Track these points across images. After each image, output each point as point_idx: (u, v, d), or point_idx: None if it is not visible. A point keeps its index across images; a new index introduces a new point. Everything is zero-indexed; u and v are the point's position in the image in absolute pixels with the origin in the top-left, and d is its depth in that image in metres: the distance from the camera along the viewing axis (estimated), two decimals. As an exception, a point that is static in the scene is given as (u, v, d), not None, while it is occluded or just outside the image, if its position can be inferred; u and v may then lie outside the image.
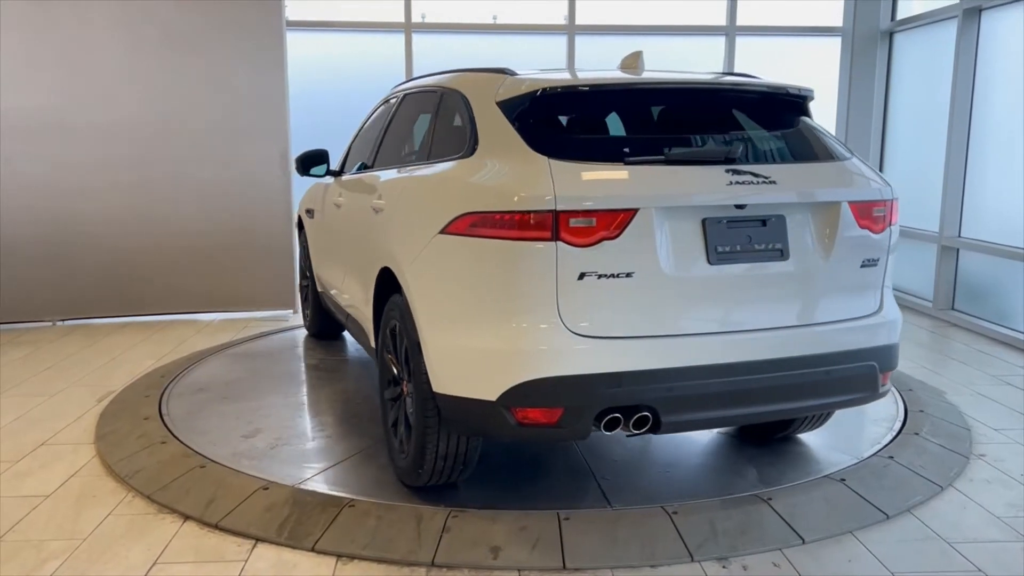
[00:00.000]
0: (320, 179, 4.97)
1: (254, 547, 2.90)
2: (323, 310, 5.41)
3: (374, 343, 3.76)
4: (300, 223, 5.90)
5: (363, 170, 4.31)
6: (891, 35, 7.71)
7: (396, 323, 3.31)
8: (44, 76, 6.17)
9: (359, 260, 4.00)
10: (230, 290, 6.66)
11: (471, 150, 3.10)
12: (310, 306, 5.84)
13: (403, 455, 3.26)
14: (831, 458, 3.64)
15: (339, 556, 2.83)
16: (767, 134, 3.28)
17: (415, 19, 7.63)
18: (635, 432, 2.79)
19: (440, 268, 3.01)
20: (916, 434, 3.88)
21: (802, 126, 3.29)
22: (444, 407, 2.94)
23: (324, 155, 4.68)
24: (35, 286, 6.34)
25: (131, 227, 6.44)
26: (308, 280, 5.77)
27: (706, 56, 7.89)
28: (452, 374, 2.90)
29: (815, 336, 2.99)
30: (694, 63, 7.91)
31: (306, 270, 5.81)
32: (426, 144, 3.68)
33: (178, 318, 6.60)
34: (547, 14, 7.80)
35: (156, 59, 6.33)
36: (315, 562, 2.81)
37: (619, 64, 3.61)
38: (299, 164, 4.69)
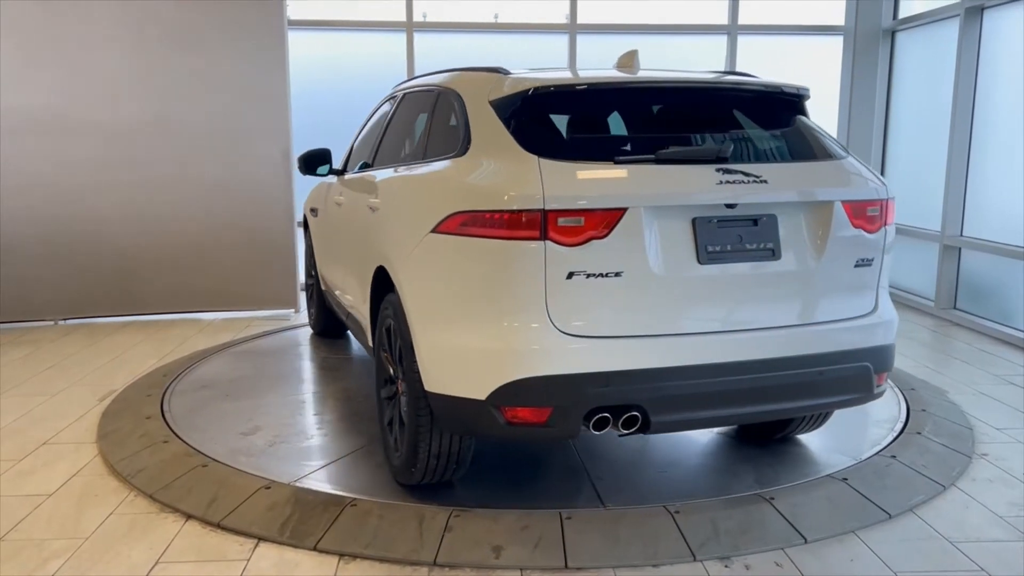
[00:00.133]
0: (323, 178, 4.98)
1: (256, 546, 2.91)
2: (327, 309, 5.42)
3: (371, 342, 3.76)
4: (306, 222, 5.91)
5: (364, 169, 4.31)
6: (893, 34, 7.70)
7: (391, 322, 3.31)
8: (45, 76, 6.17)
9: (357, 259, 4.01)
10: (232, 289, 6.67)
11: (464, 149, 3.09)
12: (315, 304, 5.85)
13: (397, 453, 3.27)
14: (833, 457, 3.63)
15: (341, 555, 2.83)
16: (761, 133, 3.26)
17: (416, 18, 7.63)
18: (625, 432, 2.78)
19: (431, 267, 3.01)
20: (918, 433, 3.88)
21: (798, 125, 3.27)
22: (435, 406, 2.94)
23: (327, 154, 4.68)
24: (36, 285, 6.35)
25: (132, 226, 6.45)
26: (313, 279, 5.78)
27: (708, 55, 7.88)
28: (443, 373, 2.90)
29: (807, 336, 2.97)
30: (696, 62, 7.90)
31: (311, 269, 5.83)
32: (422, 143, 3.68)
33: (180, 317, 6.61)
34: (549, 13, 7.79)
35: (157, 58, 6.33)
36: (317, 561, 2.81)
37: (615, 63, 3.59)
38: (302, 163, 4.69)
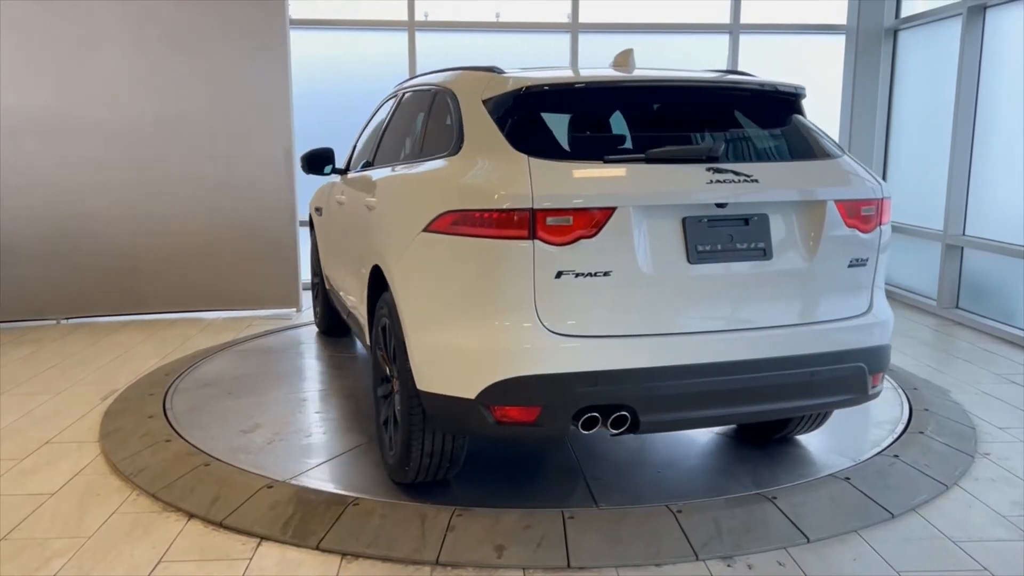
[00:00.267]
0: (326, 178, 4.98)
1: (258, 545, 2.91)
2: (332, 308, 5.43)
3: (368, 341, 3.76)
4: (312, 221, 5.92)
5: (366, 168, 4.32)
6: (895, 33, 7.69)
7: (386, 321, 3.31)
8: (47, 75, 6.17)
9: (355, 258, 4.02)
10: (233, 289, 6.67)
11: (457, 148, 3.10)
12: (320, 303, 5.87)
13: (392, 452, 3.28)
14: (835, 457, 3.62)
15: (343, 555, 2.83)
16: (755, 132, 3.24)
17: (418, 18, 7.64)
18: (615, 432, 2.78)
19: (423, 266, 3.01)
20: (921, 433, 3.87)
21: (793, 124, 3.24)
22: (427, 404, 2.94)
23: (329, 153, 4.68)
24: (39, 285, 6.35)
25: (134, 226, 6.45)
26: (319, 278, 5.79)
27: (710, 55, 7.88)
28: (434, 372, 2.90)
29: (800, 336, 2.95)
30: (698, 61, 7.90)
31: (317, 268, 5.84)
32: (419, 142, 3.68)
33: (181, 316, 6.61)
34: (550, 12, 7.79)
35: (159, 58, 6.33)
36: (319, 560, 2.81)
37: (611, 62, 3.57)
38: (304, 163, 4.68)
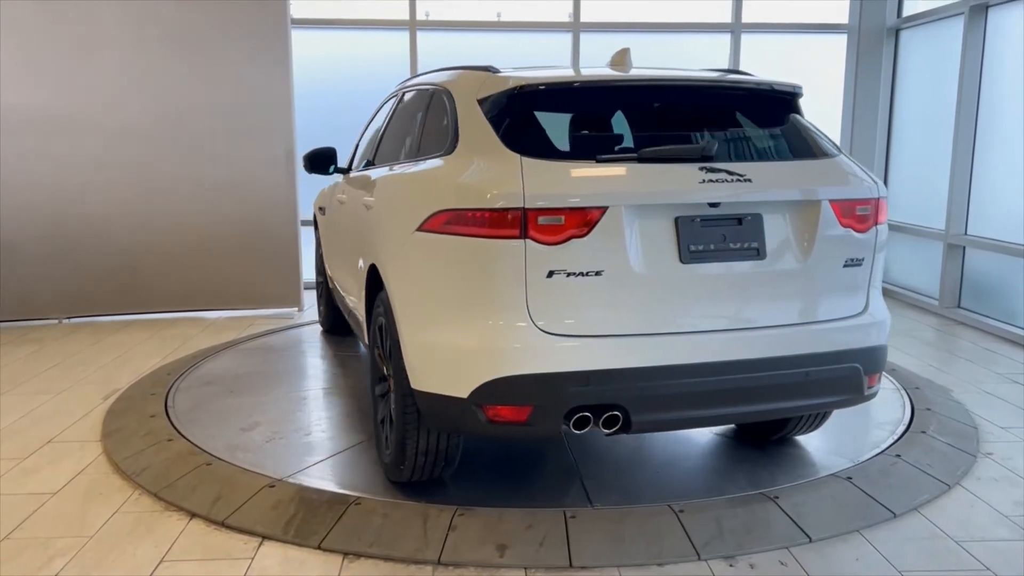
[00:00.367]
0: (329, 177, 4.98)
1: (260, 545, 2.91)
2: (336, 307, 5.44)
3: (367, 339, 3.77)
4: (316, 221, 5.94)
5: (367, 167, 4.32)
6: (897, 32, 7.68)
7: (382, 320, 3.32)
8: (49, 74, 6.18)
9: (355, 257, 4.03)
10: (235, 288, 6.67)
11: (452, 148, 3.10)
12: (323, 302, 5.88)
13: (388, 451, 3.28)
14: (837, 456, 3.62)
15: (345, 554, 2.84)
16: (750, 132, 3.23)
17: (420, 17, 7.63)
18: (607, 431, 2.77)
19: (416, 265, 3.01)
20: (923, 432, 3.87)
21: (790, 124, 3.23)
22: (421, 403, 2.94)
23: (332, 153, 4.67)
24: (40, 284, 6.36)
25: (136, 225, 6.45)
26: (323, 276, 5.80)
27: (712, 54, 7.87)
28: (427, 371, 2.90)
29: (793, 336, 2.94)
30: (699, 61, 7.89)
31: (321, 267, 5.85)
32: (416, 141, 3.68)
33: (183, 316, 6.61)
34: (552, 12, 7.79)
35: (161, 58, 6.34)
36: (321, 560, 2.81)
37: (608, 61, 3.56)
38: (307, 162, 4.67)
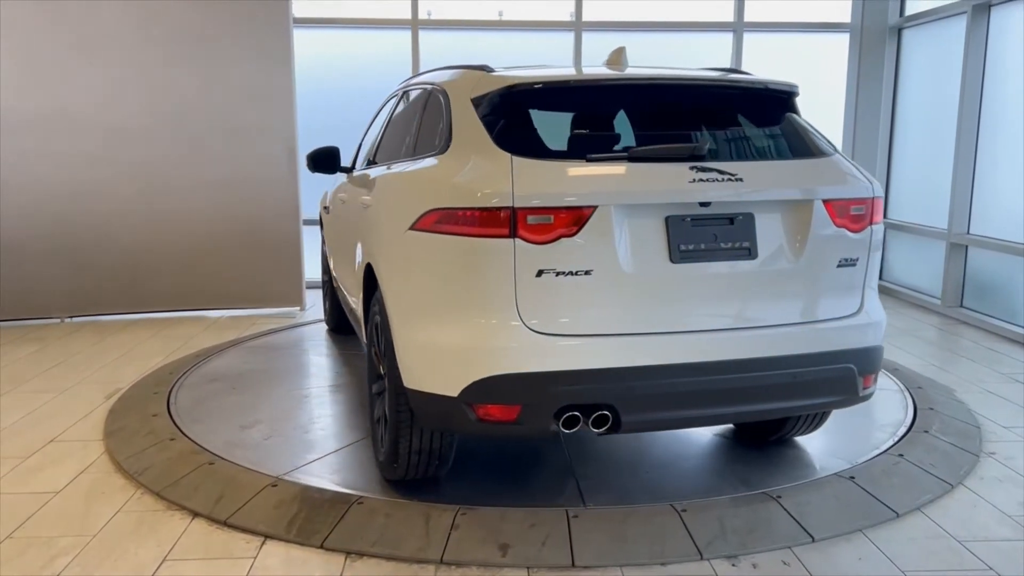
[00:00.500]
0: (333, 176, 4.98)
1: (263, 544, 2.91)
2: (340, 305, 5.44)
3: (364, 338, 3.78)
4: (322, 220, 5.95)
5: (369, 166, 4.32)
6: (900, 31, 7.67)
7: (378, 319, 3.32)
8: (52, 73, 6.18)
9: (353, 256, 4.04)
10: (237, 287, 6.68)
11: (445, 147, 3.10)
12: (329, 301, 5.90)
13: (383, 449, 3.29)
14: (839, 456, 3.61)
15: (348, 553, 2.83)
16: (744, 131, 3.22)
17: (421, 16, 7.63)
18: (597, 431, 2.77)
19: (409, 263, 3.02)
20: (926, 432, 3.86)
21: (785, 123, 3.20)
22: (413, 402, 2.95)
23: (335, 152, 4.65)
24: (43, 283, 6.37)
25: (138, 224, 6.46)
26: (328, 275, 5.82)
27: (714, 53, 7.87)
28: (419, 369, 2.91)
29: (785, 336, 2.92)
30: (701, 60, 7.88)
31: (326, 265, 5.86)
32: (413, 140, 3.69)
33: (186, 315, 6.62)
34: (554, 11, 7.78)
35: (163, 57, 6.34)
36: (324, 559, 2.81)
37: (605, 60, 3.55)
38: (310, 161, 4.65)
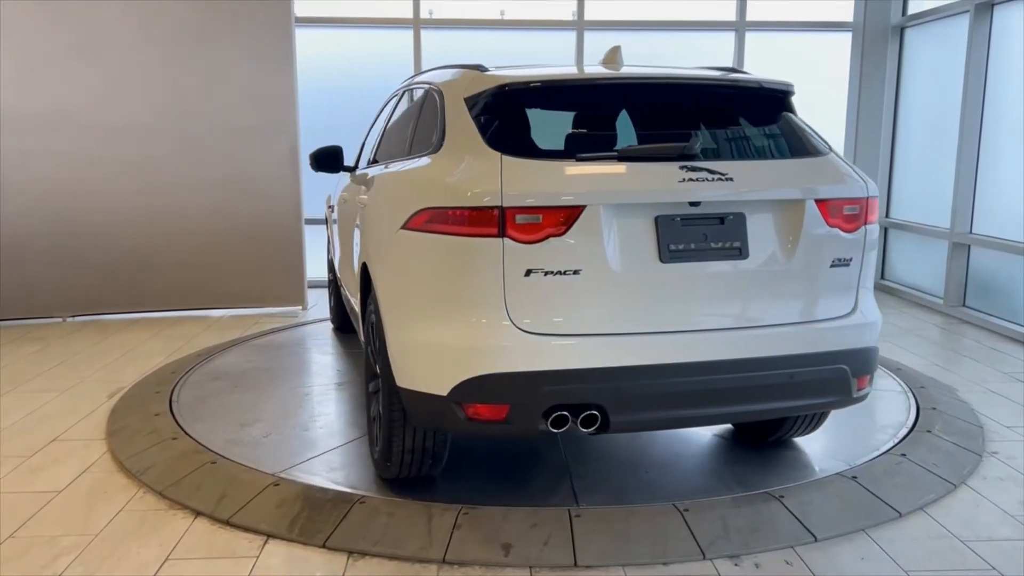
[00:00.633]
0: (335, 176, 4.99)
1: (265, 543, 2.91)
2: (344, 304, 5.46)
3: (362, 337, 3.79)
4: (327, 219, 5.97)
5: (370, 165, 4.33)
6: (902, 30, 7.65)
7: (373, 317, 3.33)
8: (54, 73, 6.19)
9: (352, 255, 4.05)
10: (239, 287, 6.68)
11: (438, 146, 3.10)
12: (334, 300, 5.92)
13: (377, 447, 3.29)
14: (842, 455, 3.61)
15: (350, 553, 2.83)
16: (736, 130, 3.21)
17: (423, 15, 7.63)
18: (585, 430, 2.77)
19: (400, 262, 3.03)
20: (928, 431, 3.86)
21: (780, 122, 3.19)
22: (405, 401, 2.96)
23: (338, 151, 4.64)
24: (45, 282, 6.37)
25: (140, 223, 6.46)
26: (333, 274, 5.84)
27: (716, 52, 7.86)
28: (410, 368, 2.92)
29: (776, 337, 2.90)
30: (703, 59, 7.87)
31: (331, 264, 5.88)
32: (409, 139, 3.69)
33: (187, 314, 6.62)
34: (556, 10, 7.78)
35: (165, 56, 6.34)
36: (326, 558, 2.81)
37: (601, 60, 3.53)
38: (313, 160, 4.64)
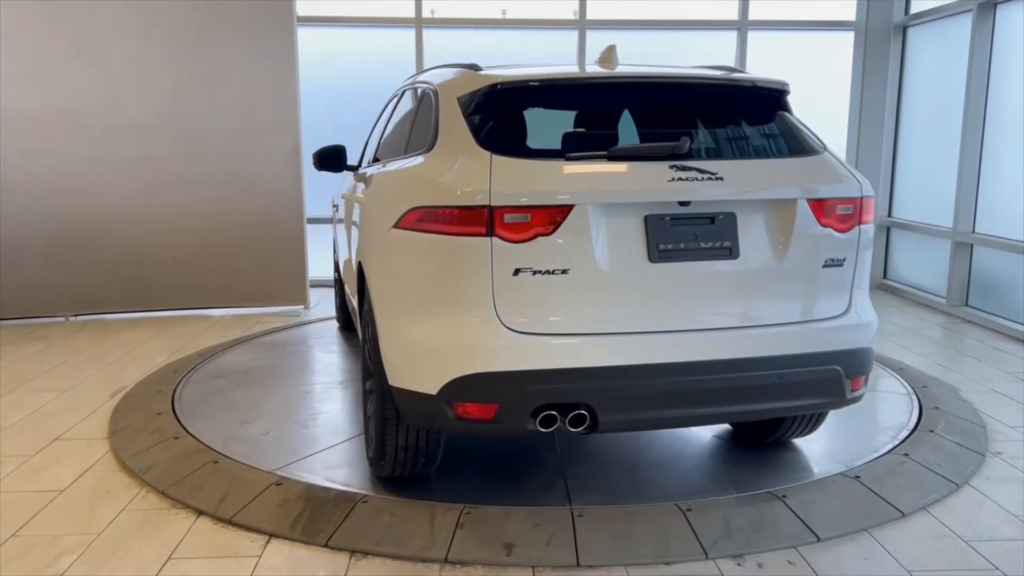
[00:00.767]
0: (339, 175, 4.99)
1: (268, 542, 2.91)
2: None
3: (360, 336, 3.81)
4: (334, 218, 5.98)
5: (372, 164, 4.33)
6: (904, 29, 7.64)
7: (368, 316, 3.33)
8: (56, 73, 6.19)
9: (351, 254, 4.04)
10: (241, 286, 6.68)
11: (431, 145, 3.11)
12: (339, 298, 5.94)
13: (371, 445, 3.30)
14: (844, 454, 3.60)
15: (353, 552, 2.83)
16: (729, 130, 3.20)
17: (425, 14, 7.63)
18: (574, 430, 2.76)
19: (392, 261, 3.03)
20: (931, 431, 3.85)
21: (774, 121, 3.17)
22: (397, 400, 2.96)
23: (341, 150, 4.63)
24: (48, 282, 6.38)
25: (143, 223, 6.47)
26: (338, 273, 5.83)
27: (718, 51, 7.85)
28: (401, 367, 2.92)
29: (767, 337, 2.89)
30: (705, 58, 7.86)
31: (336, 263, 5.88)
32: (406, 139, 3.70)
33: (189, 313, 6.62)
34: (558, 9, 7.77)
35: (167, 56, 6.34)
36: (329, 558, 2.81)
37: (596, 59, 3.53)
38: (316, 160, 4.62)
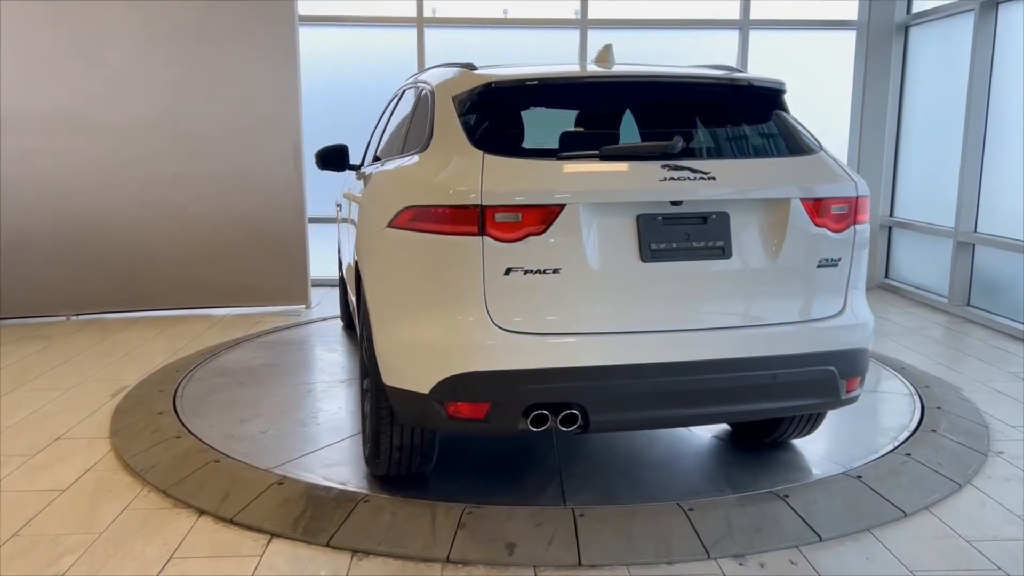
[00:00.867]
0: (341, 174, 4.98)
1: (269, 542, 2.91)
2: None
3: (359, 335, 3.80)
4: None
5: (372, 163, 4.32)
6: (906, 29, 7.63)
7: (364, 315, 3.34)
8: (57, 73, 6.19)
9: (349, 254, 4.04)
10: (242, 285, 6.68)
11: (426, 145, 3.11)
12: (343, 297, 5.94)
13: (367, 444, 3.30)
14: (846, 454, 3.60)
15: (354, 551, 2.83)
16: (724, 129, 3.19)
17: (427, 14, 7.63)
18: (564, 429, 2.76)
19: (386, 260, 3.04)
20: (933, 431, 3.85)
21: (770, 120, 3.16)
22: (391, 398, 2.97)
23: (343, 149, 4.62)
24: (49, 281, 6.38)
25: (144, 223, 6.47)
26: (342, 272, 5.84)
27: (720, 50, 7.84)
28: (394, 366, 2.93)
29: (760, 337, 2.88)
30: (707, 57, 7.85)
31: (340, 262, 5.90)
32: (403, 138, 3.70)
33: (191, 313, 6.62)
34: (559, 8, 7.77)
35: (168, 55, 6.34)
36: (330, 557, 2.81)
37: (594, 58, 3.51)
38: (319, 159, 4.61)
